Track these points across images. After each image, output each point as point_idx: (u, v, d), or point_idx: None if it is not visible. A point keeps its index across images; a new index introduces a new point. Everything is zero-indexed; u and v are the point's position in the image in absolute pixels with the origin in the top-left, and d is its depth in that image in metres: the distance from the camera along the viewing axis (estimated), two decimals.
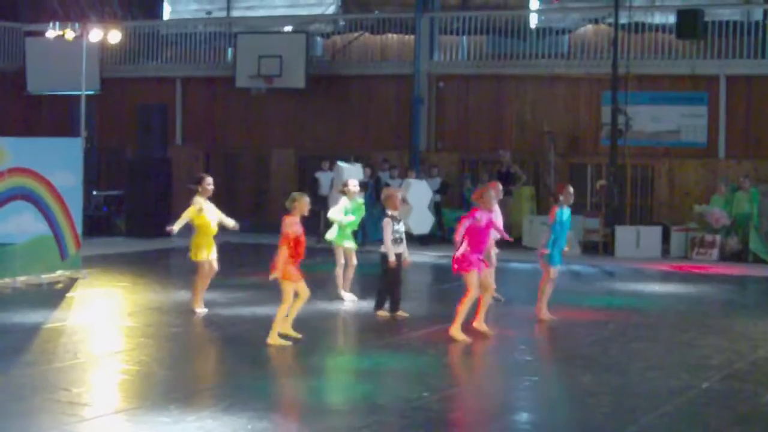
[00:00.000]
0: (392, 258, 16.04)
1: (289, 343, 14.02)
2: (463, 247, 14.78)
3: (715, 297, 20.05)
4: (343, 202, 17.99)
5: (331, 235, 18.03)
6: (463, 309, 14.73)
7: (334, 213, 17.99)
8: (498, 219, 16.54)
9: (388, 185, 26.47)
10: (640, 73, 28.60)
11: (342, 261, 17.95)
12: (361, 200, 18.33)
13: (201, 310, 16.42)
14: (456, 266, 14.86)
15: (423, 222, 26.15)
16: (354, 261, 18.07)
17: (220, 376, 12.43)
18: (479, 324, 15.20)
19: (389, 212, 16.23)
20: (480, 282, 14.82)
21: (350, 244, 18.02)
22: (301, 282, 14.15)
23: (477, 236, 14.79)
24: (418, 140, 31.43)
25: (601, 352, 14.11)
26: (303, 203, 14.23)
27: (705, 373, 12.69)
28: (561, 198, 16.39)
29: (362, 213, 18.34)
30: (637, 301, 19.02)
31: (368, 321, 16.36)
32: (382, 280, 16.57)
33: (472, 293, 14.71)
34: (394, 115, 32.19)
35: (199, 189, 16.58)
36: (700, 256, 25.38)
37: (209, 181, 16.73)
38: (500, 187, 17.13)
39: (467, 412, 11.18)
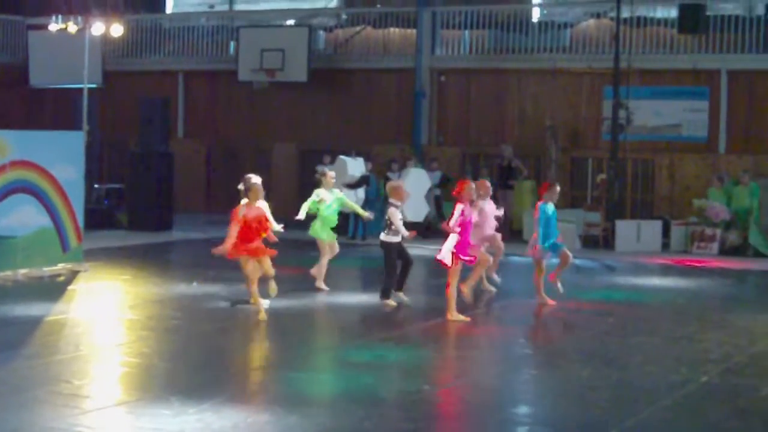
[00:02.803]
0: (406, 233, 16.25)
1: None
2: (451, 242, 15.08)
3: (715, 291, 20.06)
4: (320, 191, 18.05)
5: (313, 228, 18.05)
6: (451, 293, 15.22)
7: (304, 206, 18.11)
8: (491, 212, 17.11)
9: (388, 178, 26.52)
10: (641, 68, 28.61)
11: (326, 253, 17.94)
12: (340, 193, 18.39)
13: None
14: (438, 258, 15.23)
15: (419, 210, 26.17)
16: (336, 249, 18.10)
17: (221, 369, 12.43)
18: (465, 286, 15.87)
19: (394, 202, 16.33)
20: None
21: (330, 237, 18.00)
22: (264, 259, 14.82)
23: (467, 231, 15.21)
24: (420, 134, 31.45)
25: (600, 346, 14.13)
26: (256, 190, 14.95)
27: (704, 367, 12.69)
28: (545, 195, 16.63)
29: (342, 204, 18.34)
30: (637, 295, 19.04)
31: (368, 314, 16.38)
32: (386, 269, 16.57)
33: (453, 282, 15.34)
34: (395, 109, 32.20)
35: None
36: (700, 250, 25.38)
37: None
38: (488, 184, 17.48)
39: (467, 406, 11.17)
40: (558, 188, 16.96)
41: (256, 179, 15.37)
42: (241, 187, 15.31)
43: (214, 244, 15.69)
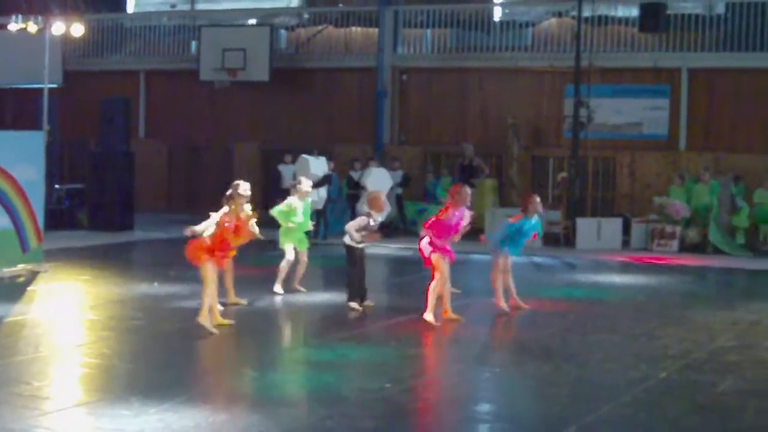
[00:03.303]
0: (356, 240, 16.14)
1: (215, 331, 14.10)
2: (426, 239, 15.03)
3: (675, 288, 20.16)
4: (292, 201, 17.78)
5: (281, 240, 17.82)
6: (433, 294, 15.03)
7: (276, 210, 17.80)
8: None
9: (357, 184, 26.56)
10: (602, 66, 28.76)
11: (291, 257, 17.78)
12: (309, 200, 18.18)
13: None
14: (424, 256, 15.07)
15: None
16: (305, 258, 17.96)
17: (182, 369, 12.40)
18: (448, 315, 15.36)
19: (373, 213, 16.21)
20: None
21: (300, 244, 17.88)
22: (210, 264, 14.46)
23: (444, 231, 15.04)
24: (382, 133, 31.48)
25: (561, 343, 14.18)
26: (240, 201, 14.58)
27: (663, 363, 12.76)
28: (529, 208, 16.42)
29: (309, 213, 18.19)
30: (598, 292, 19.11)
31: (331, 313, 16.37)
32: (349, 272, 16.53)
33: (442, 276, 15.00)
34: (357, 108, 32.21)
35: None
36: (660, 248, 25.53)
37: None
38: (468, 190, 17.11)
39: (429, 403, 11.21)
40: (538, 198, 16.68)
41: (244, 186, 14.80)
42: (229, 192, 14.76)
43: (176, 244, 15.64)
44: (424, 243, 15.21)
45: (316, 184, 25.23)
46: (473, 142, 29.30)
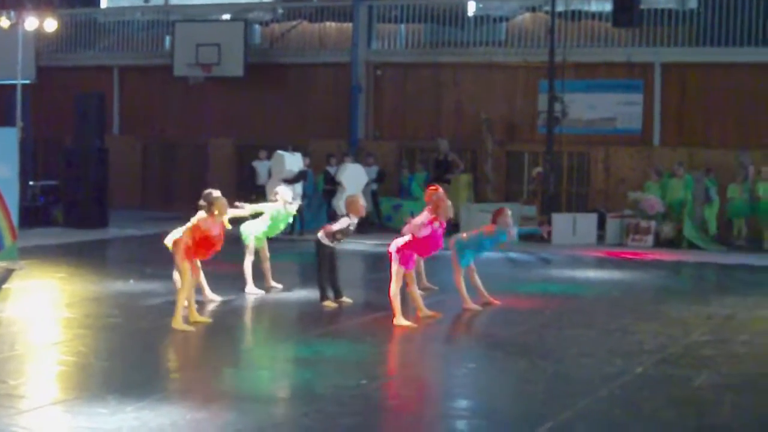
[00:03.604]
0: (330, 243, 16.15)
1: (192, 329, 14.06)
2: (405, 239, 15.01)
3: (650, 282, 20.22)
4: (274, 206, 17.71)
5: (249, 239, 17.70)
6: (396, 297, 14.94)
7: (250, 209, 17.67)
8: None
9: (334, 180, 26.57)
10: (576, 61, 28.83)
11: (252, 254, 17.67)
12: (292, 211, 18.13)
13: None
14: (393, 254, 15.05)
15: None
16: (267, 253, 17.88)
17: (159, 367, 12.39)
18: (423, 312, 15.35)
19: (351, 216, 16.21)
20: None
21: (259, 241, 17.78)
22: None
23: (424, 243, 15.02)
24: (357, 129, 31.48)
25: (537, 339, 14.22)
26: (219, 205, 14.36)
27: (639, 358, 12.81)
28: (498, 221, 16.43)
29: (287, 221, 18.15)
30: (573, 287, 19.17)
31: (307, 309, 16.36)
32: (318, 270, 16.52)
33: (397, 281, 15.01)
34: (332, 103, 32.19)
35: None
36: (635, 243, 25.61)
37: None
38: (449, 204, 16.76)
39: (405, 400, 11.21)
40: (509, 212, 16.67)
41: (217, 193, 14.64)
42: (201, 202, 14.64)
43: (151, 240, 15.62)
44: (394, 246, 15.15)
45: (292, 180, 25.25)
46: (448, 138, 29.31)
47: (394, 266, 15.04)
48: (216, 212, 14.32)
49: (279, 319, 16.22)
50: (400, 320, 14.84)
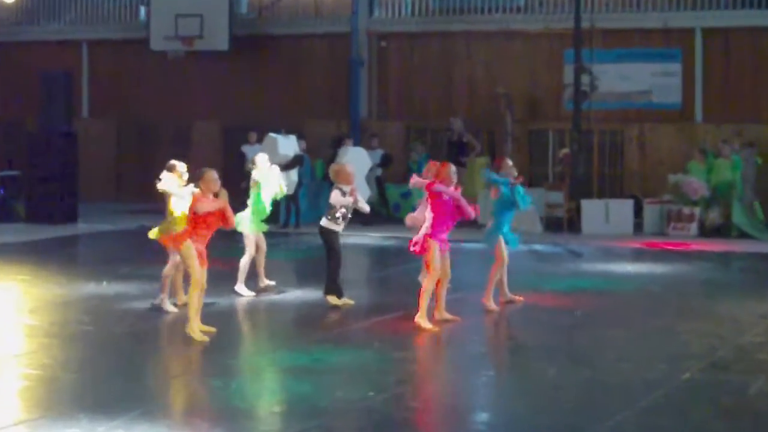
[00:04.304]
0: (360, 206, 16.17)
1: (206, 339, 13.93)
2: (425, 228, 14.85)
3: (695, 276, 20.21)
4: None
5: (244, 225, 17.59)
6: (425, 294, 14.78)
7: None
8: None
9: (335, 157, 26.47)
10: (606, 28, 28.72)
11: (253, 250, 17.58)
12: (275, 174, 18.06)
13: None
14: (414, 247, 14.89)
15: (359, 193, 25.96)
16: (264, 246, 17.79)
17: (135, 379, 12.30)
18: (441, 313, 15.22)
19: (340, 186, 16.15)
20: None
21: (262, 229, 17.70)
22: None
23: (442, 213, 14.86)
24: (358, 107, 31.39)
25: (566, 342, 14.20)
26: (209, 178, 14.24)
27: (685, 363, 12.72)
28: (502, 173, 16.36)
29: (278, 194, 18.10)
30: (607, 283, 19.11)
31: (305, 312, 16.33)
32: (328, 259, 16.36)
33: (433, 273, 14.73)
34: (330, 79, 32.10)
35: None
36: (676, 232, 25.50)
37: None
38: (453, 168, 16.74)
39: (417, 413, 11.14)
40: (510, 162, 16.60)
41: (208, 170, 14.46)
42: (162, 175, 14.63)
43: (126, 237, 15.56)
44: (421, 232, 15.01)
45: (286, 166, 25.10)
46: (462, 116, 29.22)
47: (430, 259, 14.84)
48: (203, 187, 14.24)
49: (273, 324, 16.20)
50: (422, 320, 14.71)
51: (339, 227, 16.23)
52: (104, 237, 25.79)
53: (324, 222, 16.26)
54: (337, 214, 16.15)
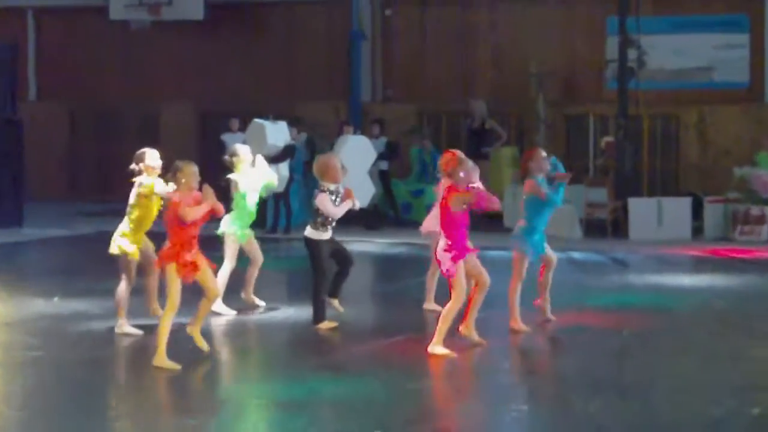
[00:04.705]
0: (340, 213, 16.10)
1: (178, 367, 13.89)
2: (443, 243, 14.79)
3: (767, 290, 20.12)
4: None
5: (226, 225, 17.58)
6: (446, 318, 14.74)
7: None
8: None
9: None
10: None
11: (235, 261, 17.53)
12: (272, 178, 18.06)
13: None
14: (446, 270, 14.82)
15: (361, 191, 25.79)
16: (260, 256, 17.77)
17: (94, 416, 12.27)
18: (467, 329, 15.17)
19: (326, 186, 16.09)
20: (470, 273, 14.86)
21: (244, 238, 17.69)
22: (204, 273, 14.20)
23: (454, 222, 14.84)
24: (359, 88, 31.42)
25: (612, 370, 14.23)
26: (189, 173, 14.23)
27: (755, 395, 12.72)
28: (532, 166, 16.29)
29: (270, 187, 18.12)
30: (660, 298, 19.10)
31: (297, 334, 16.35)
32: (314, 276, 16.36)
33: (457, 297, 14.69)
34: (326, 54, 32.21)
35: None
36: (744, 236, 25.54)
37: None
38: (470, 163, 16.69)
39: None
40: (544, 153, 16.55)
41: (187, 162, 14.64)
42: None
43: (83, 243, 15.56)
44: (441, 249, 14.97)
45: (275, 159, 25.09)
46: (485, 98, 29.25)
47: (455, 282, 14.81)
48: (183, 180, 14.23)
49: (260, 348, 16.23)
50: (437, 348, 14.68)
51: (327, 234, 16.15)
52: (56, 244, 25.82)
53: (308, 231, 16.18)
54: (320, 219, 16.07)
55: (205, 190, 14.17)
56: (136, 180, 15.75)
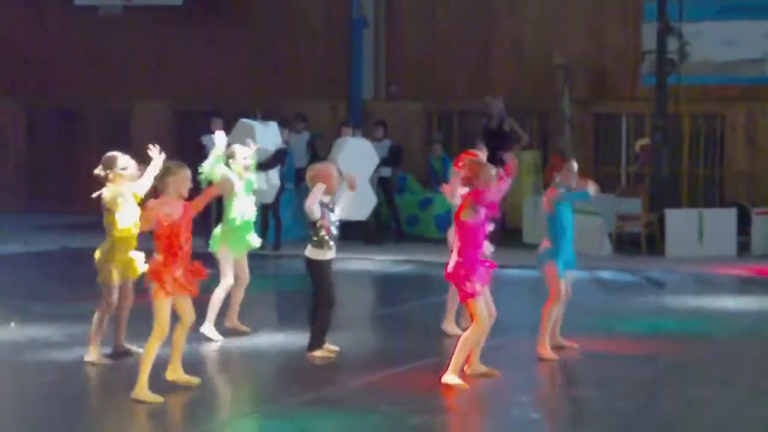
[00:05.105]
0: (318, 215, 16.15)
1: (160, 400, 14.00)
2: (455, 260, 14.87)
3: None
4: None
5: (215, 239, 17.72)
6: (464, 346, 14.88)
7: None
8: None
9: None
10: None
11: (231, 279, 17.67)
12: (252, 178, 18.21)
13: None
14: (464, 294, 14.92)
15: (361, 201, 25.79)
16: (246, 276, 17.89)
17: None
18: (471, 368, 15.31)
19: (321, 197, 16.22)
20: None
21: (239, 252, 17.82)
22: (185, 298, 14.26)
23: (473, 235, 14.92)
24: (360, 83, 31.48)
25: (646, 404, 14.21)
26: (181, 177, 14.36)
27: None
28: (558, 178, 16.40)
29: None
30: (701, 323, 19.18)
31: (288, 364, 16.43)
32: (316, 300, 16.45)
33: (480, 327, 14.84)
34: (322, 45, 32.23)
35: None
36: None
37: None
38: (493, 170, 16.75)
39: None
40: (575, 164, 16.65)
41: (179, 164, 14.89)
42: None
43: (43, 261, 15.68)
44: (452, 269, 15.07)
45: (265, 165, 25.17)
46: (503, 95, 29.32)
47: (474, 310, 14.92)
48: (171, 187, 14.31)
49: (248, 378, 16.28)
50: (452, 378, 14.86)
51: (329, 253, 16.23)
52: (11, 262, 25.84)
53: (309, 251, 16.24)
54: (322, 233, 16.13)
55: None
56: (103, 190, 15.87)
